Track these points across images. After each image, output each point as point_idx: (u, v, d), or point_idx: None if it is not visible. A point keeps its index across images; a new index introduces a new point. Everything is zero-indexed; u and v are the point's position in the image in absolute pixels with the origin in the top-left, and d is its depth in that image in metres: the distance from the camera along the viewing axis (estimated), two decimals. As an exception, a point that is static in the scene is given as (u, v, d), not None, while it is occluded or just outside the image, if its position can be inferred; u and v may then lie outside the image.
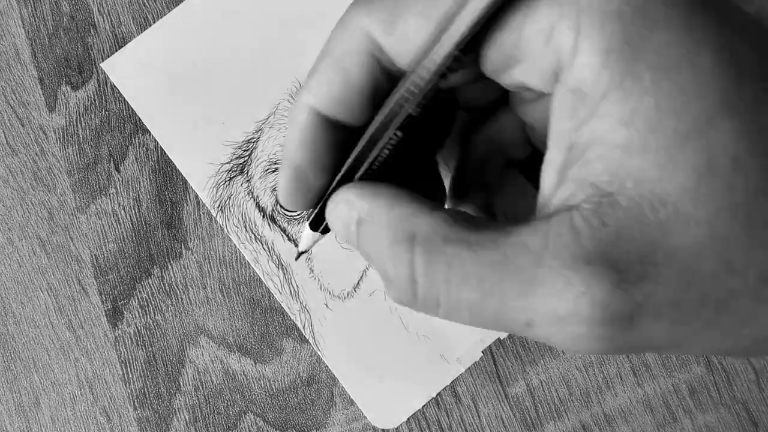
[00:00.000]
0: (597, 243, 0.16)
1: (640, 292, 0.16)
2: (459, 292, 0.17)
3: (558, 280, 0.16)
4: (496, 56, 0.18)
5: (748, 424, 0.29)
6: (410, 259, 0.18)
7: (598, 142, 0.16)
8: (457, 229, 0.17)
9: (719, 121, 0.15)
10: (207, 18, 0.31)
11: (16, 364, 0.30)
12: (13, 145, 0.31)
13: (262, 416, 0.30)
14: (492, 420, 0.29)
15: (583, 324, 0.16)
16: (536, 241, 0.16)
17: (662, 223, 0.15)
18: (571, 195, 0.17)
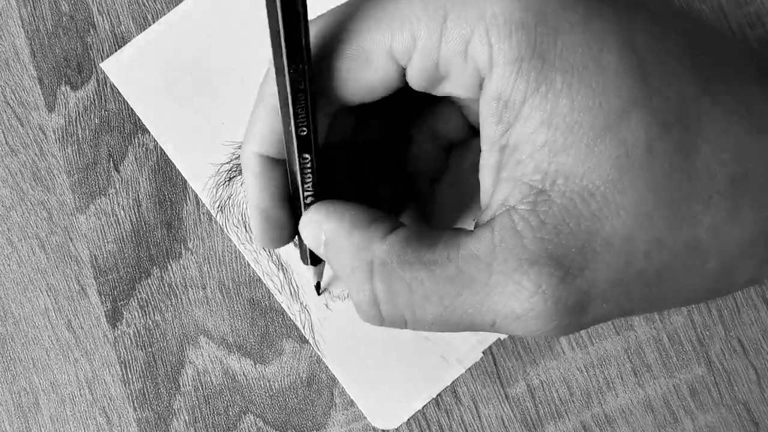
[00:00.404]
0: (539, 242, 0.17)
1: (584, 280, 0.17)
2: (422, 310, 0.19)
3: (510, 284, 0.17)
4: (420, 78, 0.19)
5: (749, 424, 0.29)
6: (371, 285, 0.19)
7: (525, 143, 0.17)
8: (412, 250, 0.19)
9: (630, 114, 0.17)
10: (207, 18, 0.31)
11: (15, 364, 0.30)
12: (13, 145, 0.31)
13: (262, 417, 0.30)
14: (492, 420, 0.29)
15: (540, 318, 0.17)
16: (484, 250, 0.18)
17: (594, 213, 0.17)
18: (508, 195, 0.18)
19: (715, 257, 0.18)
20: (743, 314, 0.29)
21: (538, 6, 0.17)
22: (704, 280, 0.18)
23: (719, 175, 0.17)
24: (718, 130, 0.17)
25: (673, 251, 0.17)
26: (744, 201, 0.17)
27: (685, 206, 0.17)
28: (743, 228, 0.18)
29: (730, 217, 0.17)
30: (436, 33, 0.18)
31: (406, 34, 0.18)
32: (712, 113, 0.17)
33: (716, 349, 0.29)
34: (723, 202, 0.17)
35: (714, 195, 0.17)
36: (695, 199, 0.17)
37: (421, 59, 0.18)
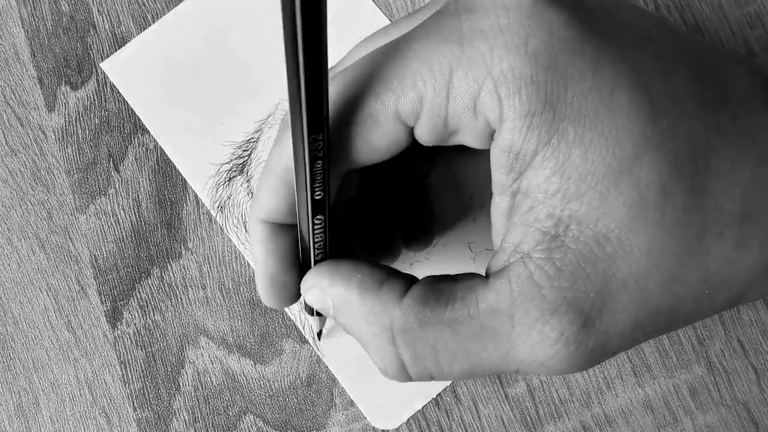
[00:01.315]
0: (557, 291, 0.18)
1: (603, 322, 0.18)
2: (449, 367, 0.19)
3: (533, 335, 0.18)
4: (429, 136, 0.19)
5: (748, 424, 0.29)
6: (395, 350, 0.19)
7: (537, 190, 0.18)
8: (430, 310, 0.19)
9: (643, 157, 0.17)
10: (207, 18, 0.31)
11: (15, 364, 0.30)
12: (13, 145, 0.31)
13: (261, 417, 0.30)
14: (492, 421, 0.29)
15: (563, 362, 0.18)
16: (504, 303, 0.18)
17: (609, 256, 0.17)
18: (521, 240, 0.18)
19: (724, 288, 0.18)
20: (743, 314, 0.29)
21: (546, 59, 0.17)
22: (713, 306, 0.19)
23: (729, 210, 0.17)
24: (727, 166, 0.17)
25: (685, 286, 0.18)
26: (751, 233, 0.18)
27: (696, 242, 0.17)
28: (752, 258, 0.18)
29: (739, 249, 0.18)
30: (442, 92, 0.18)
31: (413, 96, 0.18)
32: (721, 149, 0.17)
33: (716, 349, 0.29)
34: (731, 235, 0.18)
35: (724, 229, 0.17)
36: (706, 235, 0.17)
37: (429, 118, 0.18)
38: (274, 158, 0.21)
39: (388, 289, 0.20)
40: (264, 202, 0.21)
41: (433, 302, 0.19)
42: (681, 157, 0.17)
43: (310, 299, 0.21)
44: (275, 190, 0.21)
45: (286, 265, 0.22)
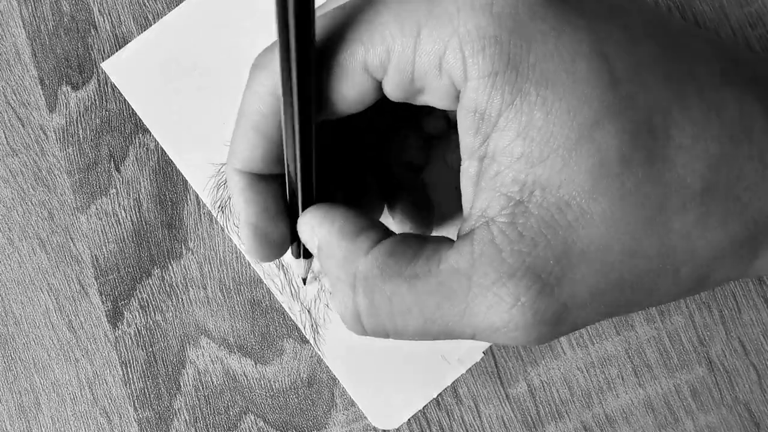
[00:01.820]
0: (517, 255, 0.18)
1: (562, 291, 0.18)
2: (403, 323, 0.19)
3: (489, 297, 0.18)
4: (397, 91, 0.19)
5: (749, 424, 0.29)
6: (353, 298, 0.20)
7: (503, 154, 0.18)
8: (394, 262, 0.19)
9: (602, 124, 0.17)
10: (207, 18, 0.31)
11: (16, 364, 0.30)
12: (14, 145, 0.31)
13: (262, 417, 0.30)
14: (493, 421, 0.29)
15: (519, 330, 0.18)
16: (464, 264, 0.18)
17: (570, 223, 0.17)
18: (487, 205, 0.18)
19: (687, 263, 0.18)
20: (744, 314, 0.29)
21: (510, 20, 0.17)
22: (678, 283, 0.18)
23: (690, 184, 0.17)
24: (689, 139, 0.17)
25: (646, 258, 0.18)
26: (714, 208, 0.18)
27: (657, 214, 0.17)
28: (714, 234, 0.18)
29: (701, 223, 0.18)
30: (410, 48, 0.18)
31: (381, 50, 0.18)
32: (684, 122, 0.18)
33: (717, 349, 0.29)
34: (694, 209, 0.18)
35: (687, 203, 0.17)
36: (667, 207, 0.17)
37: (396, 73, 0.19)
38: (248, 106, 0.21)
39: (364, 238, 0.20)
40: (240, 151, 0.21)
41: (398, 256, 0.19)
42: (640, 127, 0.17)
43: (305, 237, 0.22)
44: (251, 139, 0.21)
45: (267, 215, 0.22)
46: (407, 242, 0.20)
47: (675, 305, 0.29)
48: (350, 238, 0.20)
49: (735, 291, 0.29)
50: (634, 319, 0.29)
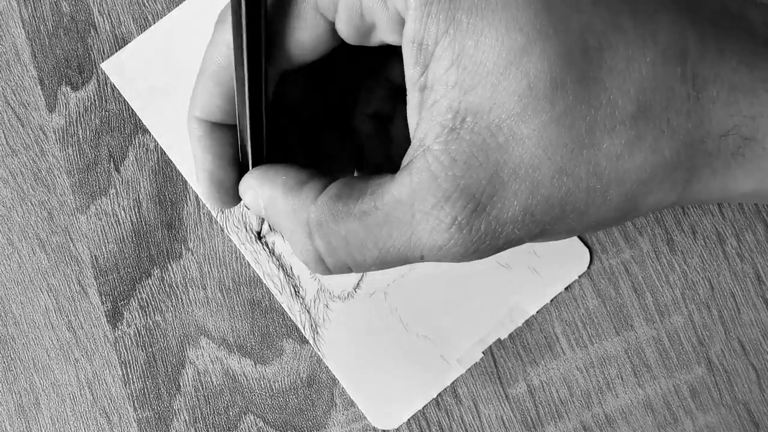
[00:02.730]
0: (451, 180, 0.19)
1: (494, 207, 0.19)
2: (361, 256, 0.21)
3: (430, 221, 0.19)
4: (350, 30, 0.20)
5: (749, 424, 0.29)
6: (311, 244, 0.21)
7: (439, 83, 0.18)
8: (342, 204, 0.20)
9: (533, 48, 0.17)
10: (207, 18, 0.31)
11: (15, 364, 0.30)
12: (13, 145, 0.31)
13: (262, 417, 0.30)
14: (492, 421, 0.29)
15: (459, 246, 0.19)
16: (405, 193, 0.19)
17: (501, 145, 0.18)
18: (425, 135, 0.19)
19: (616, 184, 0.19)
20: (743, 314, 0.29)
21: None
22: (607, 205, 0.19)
23: (621, 106, 0.18)
24: (622, 62, 0.18)
25: (575, 178, 0.18)
26: (644, 131, 0.18)
27: (587, 135, 0.18)
28: (644, 157, 0.18)
29: (631, 146, 0.18)
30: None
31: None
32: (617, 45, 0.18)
33: (716, 349, 0.29)
34: (624, 131, 0.18)
35: (617, 125, 0.18)
36: (597, 129, 0.18)
37: (346, 9, 0.20)
38: (209, 57, 0.22)
39: (308, 188, 0.21)
40: (199, 100, 0.23)
41: (345, 198, 0.20)
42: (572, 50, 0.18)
43: (247, 200, 0.23)
44: (209, 88, 0.22)
45: (223, 163, 0.23)
46: (351, 183, 0.21)
47: (674, 305, 0.29)
48: (295, 192, 0.21)
49: (734, 291, 0.30)
50: (634, 319, 0.29)
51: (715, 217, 0.30)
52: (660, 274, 0.30)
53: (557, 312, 0.30)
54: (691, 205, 0.23)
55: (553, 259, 0.30)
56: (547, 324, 0.30)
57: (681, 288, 0.30)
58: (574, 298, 0.30)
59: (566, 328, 0.30)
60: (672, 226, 0.30)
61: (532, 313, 0.29)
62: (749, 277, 0.30)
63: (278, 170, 0.22)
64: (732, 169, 0.19)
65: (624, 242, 0.30)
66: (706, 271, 0.30)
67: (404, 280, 0.30)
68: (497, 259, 0.30)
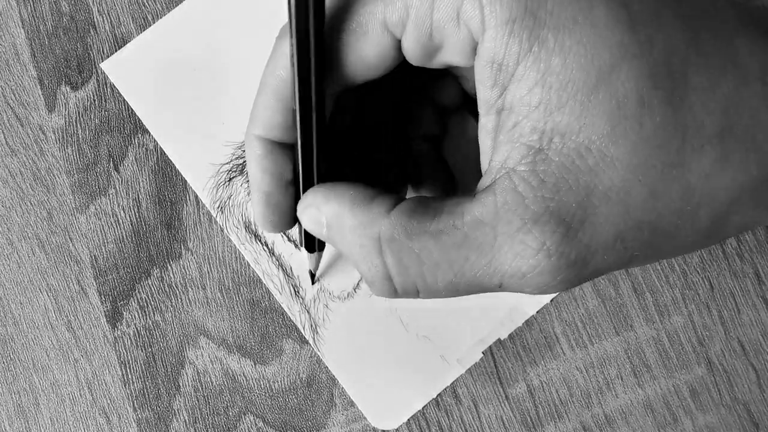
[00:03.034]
0: (540, 201, 0.18)
1: (585, 234, 0.18)
2: (433, 278, 0.19)
3: (515, 245, 0.18)
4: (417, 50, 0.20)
5: (749, 424, 0.29)
6: (381, 260, 0.19)
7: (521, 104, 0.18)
8: (417, 221, 0.19)
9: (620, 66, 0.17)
10: (207, 18, 0.31)
11: (15, 364, 0.30)
12: (13, 145, 0.31)
13: (261, 417, 0.30)
14: (492, 421, 0.29)
15: (545, 275, 0.18)
16: (488, 214, 0.18)
17: (591, 168, 0.17)
18: (507, 157, 0.18)
19: (706, 205, 0.18)
20: (743, 315, 0.29)
21: None
22: (697, 227, 0.19)
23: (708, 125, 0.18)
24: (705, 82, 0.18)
25: (666, 200, 0.18)
26: (731, 149, 0.18)
27: (676, 156, 0.18)
28: (732, 175, 0.18)
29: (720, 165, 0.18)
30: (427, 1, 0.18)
31: (399, 4, 0.19)
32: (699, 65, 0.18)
33: (716, 349, 0.29)
34: (712, 151, 0.18)
35: (705, 145, 0.18)
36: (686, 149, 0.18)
37: (415, 28, 0.19)
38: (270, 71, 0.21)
39: (378, 203, 0.20)
40: (259, 117, 0.22)
41: (420, 215, 0.19)
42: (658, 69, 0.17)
43: (306, 220, 0.22)
44: (270, 104, 0.21)
45: (281, 185, 0.22)
46: (426, 202, 0.20)
47: (674, 306, 0.29)
48: (365, 206, 0.20)
49: (734, 291, 0.30)
50: (634, 319, 0.29)
51: (715, 217, 0.30)
52: (660, 274, 0.30)
53: (557, 312, 0.30)
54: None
55: (553, 259, 0.30)
56: (547, 324, 0.30)
57: (681, 288, 0.30)
58: (574, 299, 0.30)
59: (566, 329, 0.30)
60: (672, 226, 0.30)
61: (532, 313, 0.29)
62: (749, 277, 0.30)
63: (345, 186, 0.21)
64: None
65: (624, 242, 0.30)
66: (706, 271, 0.30)
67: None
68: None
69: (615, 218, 0.18)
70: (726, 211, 0.19)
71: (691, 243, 0.19)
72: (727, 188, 0.18)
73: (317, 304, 0.30)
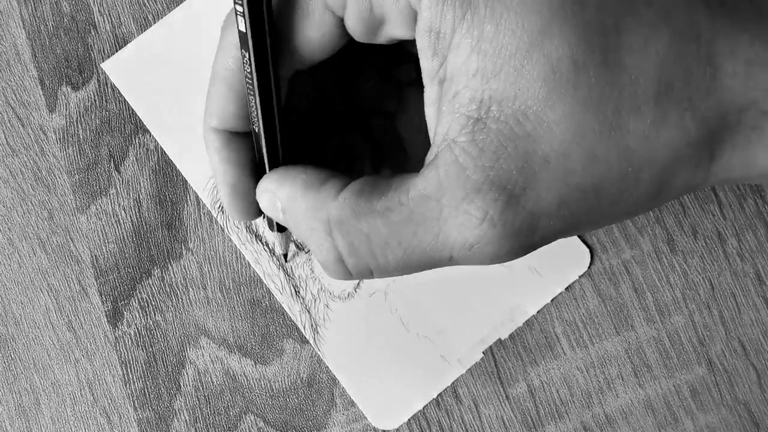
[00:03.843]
0: (480, 171, 0.18)
1: (527, 199, 0.18)
2: (384, 257, 0.19)
3: (460, 216, 0.18)
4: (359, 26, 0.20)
5: (749, 425, 0.29)
6: (332, 243, 0.20)
7: (459, 73, 0.18)
8: (364, 201, 0.19)
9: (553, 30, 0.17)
10: (207, 18, 0.31)
11: (16, 364, 0.30)
12: (14, 145, 0.31)
13: (262, 417, 0.30)
14: (493, 421, 0.29)
15: (492, 244, 0.18)
16: (432, 188, 0.18)
17: (529, 134, 0.18)
18: (449, 128, 0.18)
19: (647, 166, 0.18)
20: (744, 315, 0.29)
21: None
22: (640, 190, 0.19)
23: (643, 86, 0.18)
24: (640, 41, 0.18)
25: (606, 163, 0.18)
26: (668, 110, 0.18)
27: (613, 118, 0.18)
28: (670, 136, 0.18)
29: (657, 126, 0.18)
30: None
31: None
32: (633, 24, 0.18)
33: (717, 349, 0.29)
34: (649, 112, 0.18)
35: (641, 105, 0.18)
36: (623, 110, 0.18)
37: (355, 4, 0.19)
38: (220, 62, 0.21)
39: (329, 186, 0.20)
40: (214, 109, 0.22)
41: (368, 194, 0.20)
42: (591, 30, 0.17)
43: (264, 204, 0.22)
44: (223, 94, 0.21)
45: (245, 173, 0.22)
46: (374, 181, 0.20)
47: (675, 306, 0.29)
48: (315, 188, 0.20)
49: (735, 291, 0.30)
50: (634, 319, 0.29)
51: (716, 217, 0.30)
52: (660, 274, 0.30)
53: (558, 312, 0.30)
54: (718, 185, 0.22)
55: (553, 259, 0.30)
56: (548, 324, 0.30)
57: (681, 288, 0.30)
58: (575, 298, 0.30)
59: (567, 328, 0.30)
60: (673, 226, 0.30)
61: (532, 313, 0.29)
62: (750, 277, 0.30)
63: (297, 170, 0.21)
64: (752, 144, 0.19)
65: (625, 242, 0.30)
66: (707, 271, 0.30)
67: (405, 280, 0.30)
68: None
69: (556, 183, 0.18)
70: (668, 172, 0.19)
71: (636, 206, 0.19)
72: (666, 149, 0.18)
73: (318, 304, 0.30)
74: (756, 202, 0.30)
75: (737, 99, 0.18)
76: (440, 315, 0.30)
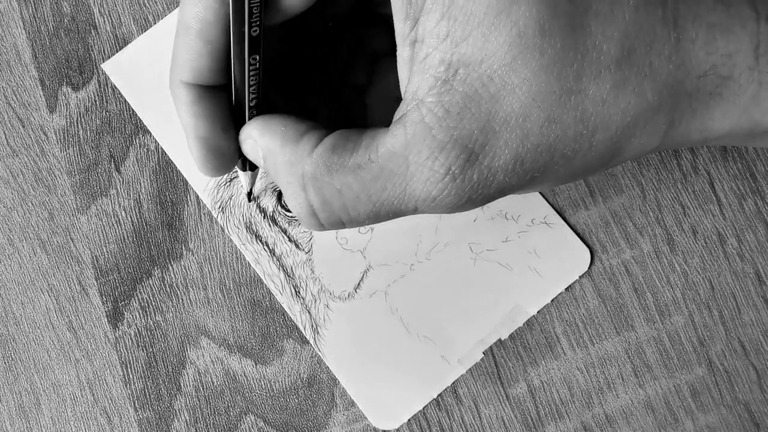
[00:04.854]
0: (445, 131, 0.19)
1: (486, 157, 0.19)
2: (355, 210, 0.21)
3: (425, 172, 0.19)
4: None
5: (749, 425, 0.29)
6: (305, 197, 0.21)
7: (430, 36, 0.19)
8: (337, 157, 0.20)
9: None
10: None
11: (16, 365, 0.30)
12: (14, 146, 0.31)
13: (262, 417, 0.30)
14: (493, 421, 0.29)
15: (452, 196, 0.20)
16: (400, 146, 0.20)
17: (493, 95, 0.19)
18: (418, 88, 0.19)
19: (602, 129, 0.19)
20: (744, 315, 0.29)
21: None
22: (593, 151, 0.20)
23: (607, 51, 0.18)
24: (607, 7, 0.18)
25: (563, 125, 0.19)
26: (628, 76, 0.19)
27: (574, 82, 0.18)
28: (627, 101, 0.19)
29: (616, 90, 0.19)
30: None
31: None
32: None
33: (717, 349, 0.29)
34: (609, 77, 0.19)
35: (603, 71, 0.18)
36: (584, 75, 0.18)
37: None
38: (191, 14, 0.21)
39: (306, 140, 0.21)
40: (185, 62, 0.22)
41: (341, 150, 0.21)
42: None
43: (246, 149, 0.23)
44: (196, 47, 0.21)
45: (217, 127, 0.23)
46: (347, 135, 0.21)
47: (675, 306, 0.29)
48: (293, 143, 0.21)
49: (735, 291, 0.30)
50: (634, 319, 0.29)
51: (716, 217, 0.30)
52: (660, 274, 0.30)
53: (558, 312, 0.30)
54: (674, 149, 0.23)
55: (553, 260, 0.30)
56: (548, 324, 0.30)
57: (681, 288, 0.30)
58: (575, 299, 0.30)
59: (567, 329, 0.30)
60: (672, 227, 0.30)
61: (532, 314, 0.30)
62: (750, 277, 0.30)
63: (278, 120, 0.22)
64: (710, 109, 0.20)
65: (625, 242, 0.30)
66: (707, 271, 0.30)
67: (405, 281, 0.30)
68: (498, 259, 0.30)
69: (514, 142, 0.19)
70: (621, 135, 0.19)
71: (588, 166, 0.20)
72: (622, 113, 0.19)
73: (318, 305, 0.30)
74: (756, 202, 0.30)
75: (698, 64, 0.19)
76: (440, 315, 0.30)
